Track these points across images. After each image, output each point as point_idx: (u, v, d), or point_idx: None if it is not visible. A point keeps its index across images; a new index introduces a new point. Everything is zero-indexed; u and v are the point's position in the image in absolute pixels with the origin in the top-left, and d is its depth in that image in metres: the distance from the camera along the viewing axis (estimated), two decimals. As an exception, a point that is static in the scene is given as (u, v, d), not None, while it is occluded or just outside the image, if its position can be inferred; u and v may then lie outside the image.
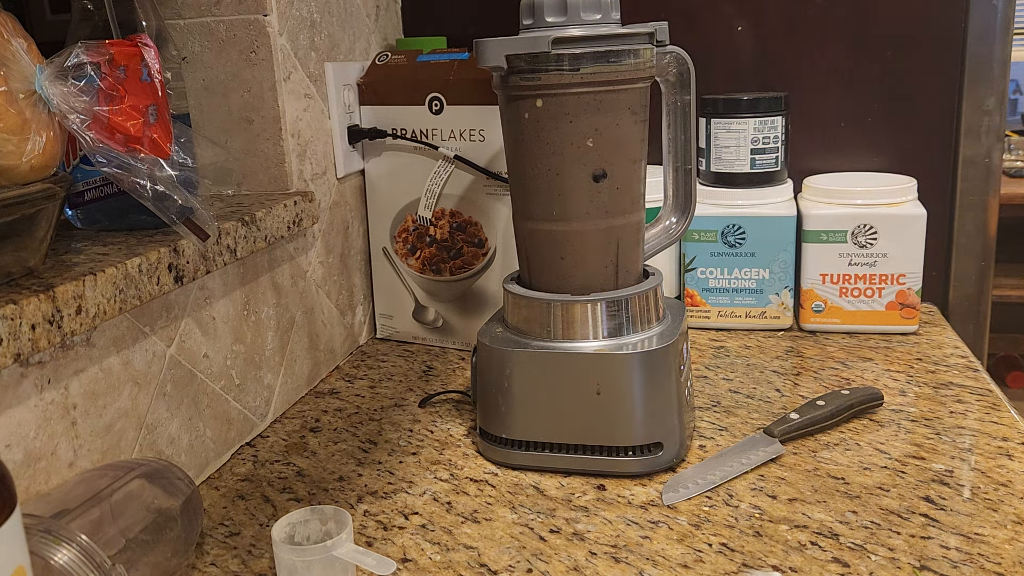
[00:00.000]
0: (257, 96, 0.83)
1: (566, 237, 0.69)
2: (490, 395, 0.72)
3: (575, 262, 0.70)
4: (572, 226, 0.69)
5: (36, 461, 0.55)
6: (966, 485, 0.66)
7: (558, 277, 0.71)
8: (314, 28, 0.89)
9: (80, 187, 0.70)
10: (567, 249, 0.70)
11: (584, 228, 0.69)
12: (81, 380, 0.59)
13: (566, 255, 0.70)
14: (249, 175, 0.85)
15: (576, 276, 0.70)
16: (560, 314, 0.69)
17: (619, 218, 0.70)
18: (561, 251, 0.70)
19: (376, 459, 0.75)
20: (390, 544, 0.62)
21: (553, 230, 0.70)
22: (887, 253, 0.94)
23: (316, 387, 0.91)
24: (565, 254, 0.70)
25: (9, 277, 0.54)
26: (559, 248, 0.70)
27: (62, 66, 0.55)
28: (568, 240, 0.70)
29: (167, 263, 0.63)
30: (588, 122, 0.67)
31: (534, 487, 0.68)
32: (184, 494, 0.58)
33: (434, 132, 0.94)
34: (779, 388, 0.85)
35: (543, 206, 0.70)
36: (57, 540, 0.45)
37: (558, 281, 0.71)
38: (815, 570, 0.56)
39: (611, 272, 0.70)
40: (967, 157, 1.07)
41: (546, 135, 0.67)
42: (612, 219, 0.69)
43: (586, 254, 0.70)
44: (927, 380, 0.85)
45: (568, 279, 0.70)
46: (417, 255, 0.99)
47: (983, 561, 0.56)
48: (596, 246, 0.70)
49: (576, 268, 0.70)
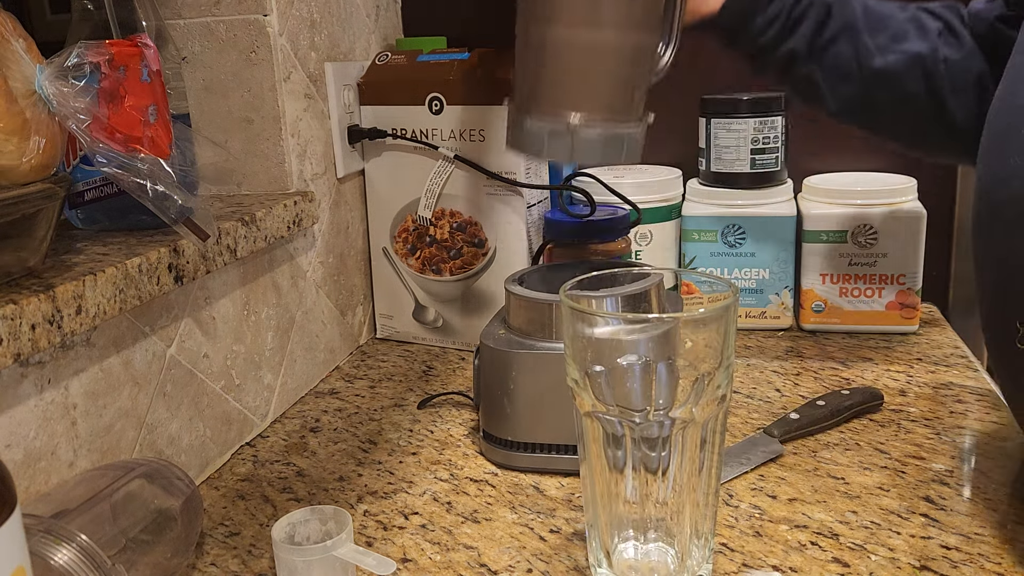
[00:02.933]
0: (257, 96, 0.83)
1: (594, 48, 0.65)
2: (493, 397, 0.72)
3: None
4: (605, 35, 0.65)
5: (36, 461, 0.55)
6: (966, 485, 0.66)
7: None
8: (314, 28, 0.89)
9: (80, 187, 0.70)
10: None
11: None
12: (81, 380, 0.59)
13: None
14: (249, 175, 0.85)
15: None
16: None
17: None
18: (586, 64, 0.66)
19: (376, 459, 0.75)
20: (390, 544, 0.62)
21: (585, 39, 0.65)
22: (887, 253, 0.94)
23: (316, 387, 0.91)
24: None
25: (9, 277, 0.54)
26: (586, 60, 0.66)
27: (62, 66, 0.55)
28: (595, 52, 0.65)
29: (167, 263, 0.63)
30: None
31: (534, 487, 0.68)
32: (184, 494, 0.58)
33: (434, 132, 0.94)
34: (779, 388, 0.85)
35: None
36: (57, 540, 0.45)
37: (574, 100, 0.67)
38: (815, 570, 0.56)
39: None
40: (967, 157, 1.07)
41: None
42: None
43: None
44: (927, 380, 0.85)
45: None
46: (417, 255, 0.99)
47: (983, 561, 0.56)
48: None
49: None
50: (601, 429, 0.52)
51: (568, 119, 0.65)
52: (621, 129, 0.67)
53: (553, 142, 0.66)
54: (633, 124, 0.68)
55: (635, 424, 0.50)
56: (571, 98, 0.66)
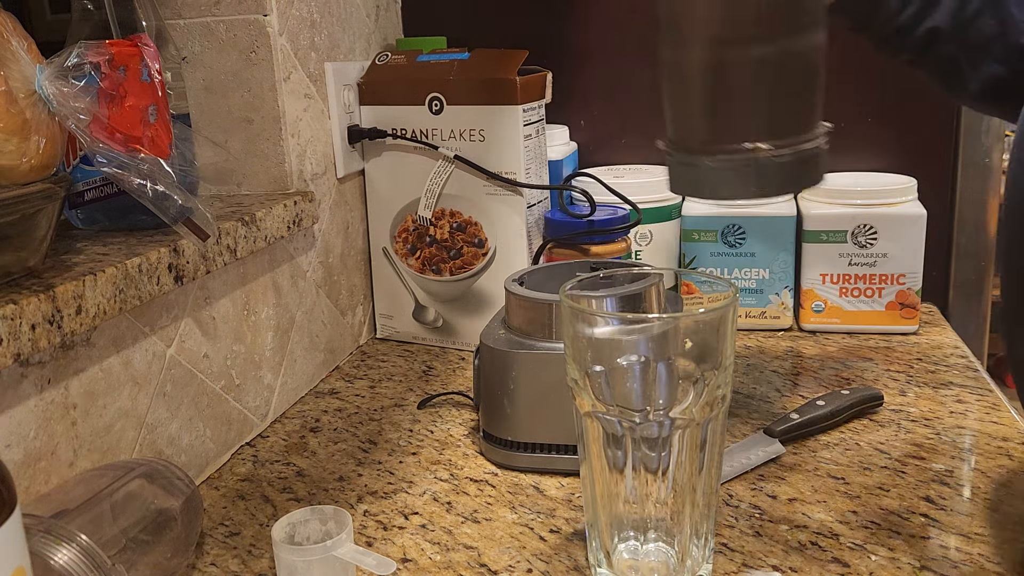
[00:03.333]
0: (257, 96, 0.83)
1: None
2: (493, 397, 0.72)
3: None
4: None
5: (36, 461, 0.55)
6: (966, 485, 0.66)
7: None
8: (314, 28, 0.89)
9: (80, 187, 0.70)
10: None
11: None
12: (81, 380, 0.59)
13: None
14: (249, 175, 0.85)
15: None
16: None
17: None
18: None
19: (376, 459, 0.75)
20: (390, 544, 0.62)
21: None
22: (887, 253, 0.94)
23: (316, 387, 0.91)
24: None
25: (9, 277, 0.54)
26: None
27: (62, 66, 0.55)
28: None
29: (167, 263, 0.63)
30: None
31: (534, 487, 0.68)
32: (184, 494, 0.58)
33: (434, 132, 0.94)
34: (779, 388, 0.85)
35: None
36: (57, 540, 0.45)
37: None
38: (815, 570, 0.56)
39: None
40: (967, 157, 1.07)
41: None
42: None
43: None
44: (927, 380, 0.85)
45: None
46: (417, 255, 0.99)
47: (983, 561, 0.56)
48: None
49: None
50: (601, 429, 0.52)
51: (756, 151, 0.56)
52: (811, 145, 0.59)
53: (741, 179, 0.57)
54: (821, 136, 0.60)
55: (635, 424, 0.50)
56: (758, 124, 0.57)
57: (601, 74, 1.12)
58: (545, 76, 0.95)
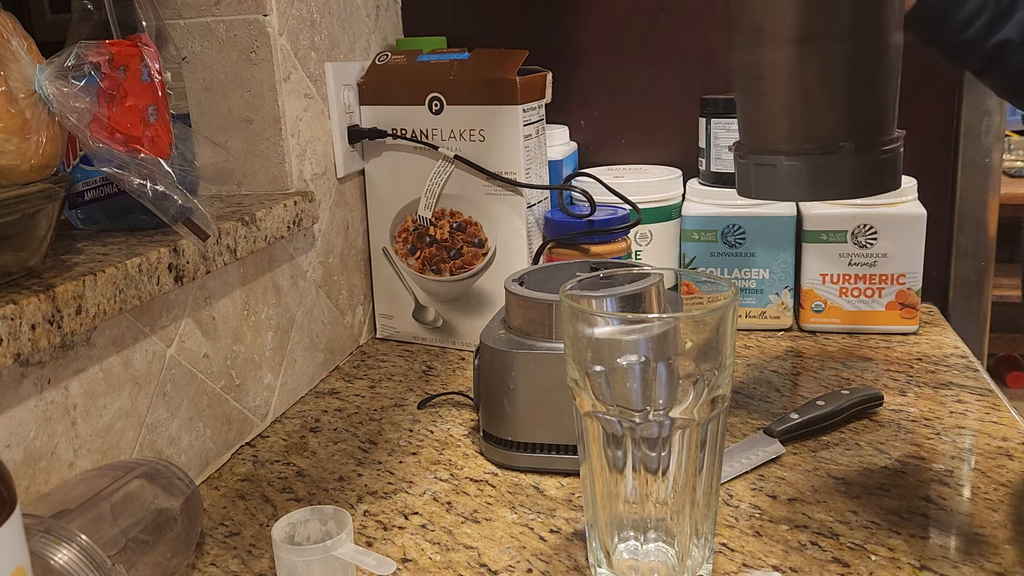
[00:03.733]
0: (257, 96, 0.83)
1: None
2: (493, 397, 0.72)
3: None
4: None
5: (36, 461, 0.55)
6: (966, 485, 0.66)
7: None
8: (314, 28, 0.89)
9: (80, 187, 0.70)
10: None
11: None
12: (81, 380, 0.59)
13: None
14: (249, 175, 0.85)
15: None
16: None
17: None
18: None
19: (376, 459, 0.75)
20: (390, 544, 0.62)
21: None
22: (887, 253, 0.94)
23: (316, 387, 0.91)
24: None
25: (9, 277, 0.54)
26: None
27: (62, 66, 0.55)
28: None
29: (167, 263, 0.63)
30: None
31: (534, 487, 0.68)
32: (184, 494, 0.58)
33: (434, 132, 0.94)
34: (779, 388, 0.85)
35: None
36: (57, 540, 0.45)
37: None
38: (815, 570, 0.56)
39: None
40: (967, 157, 1.07)
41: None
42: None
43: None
44: (927, 380, 0.85)
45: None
46: (417, 255, 0.99)
47: (983, 561, 0.56)
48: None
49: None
50: (601, 429, 0.52)
51: (837, 149, 0.56)
52: (892, 147, 0.58)
53: (822, 176, 0.57)
54: (900, 140, 0.59)
55: (635, 424, 0.50)
56: (838, 122, 0.56)
57: (601, 74, 1.12)
58: (545, 76, 0.95)
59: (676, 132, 1.10)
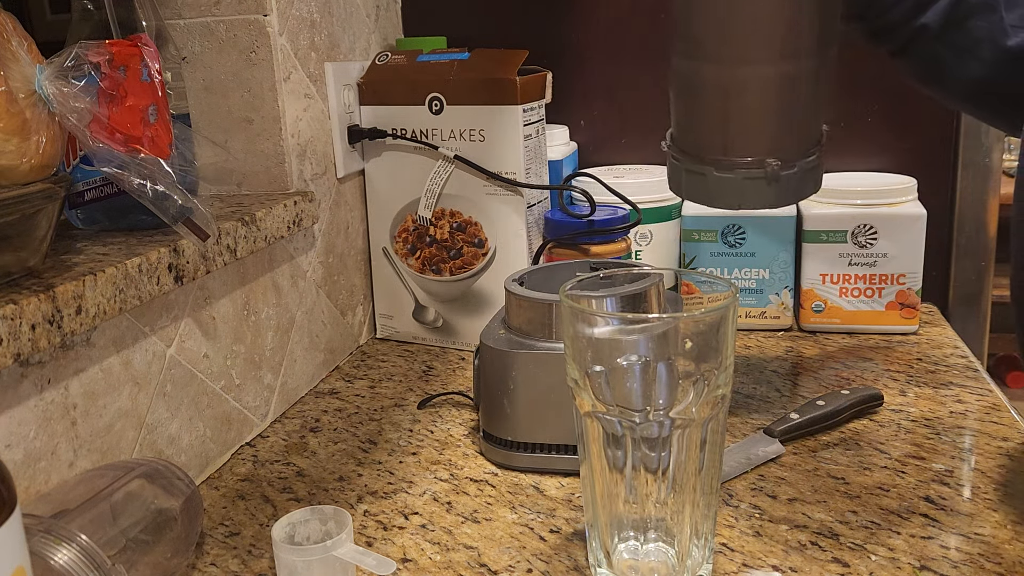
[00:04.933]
0: (257, 96, 0.83)
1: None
2: (493, 397, 0.72)
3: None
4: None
5: (36, 461, 0.55)
6: (966, 485, 0.66)
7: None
8: (314, 28, 0.89)
9: (80, 187, 0.70)
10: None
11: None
12: (81, 380, 0.59)
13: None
14: (249, 175, 0.85)
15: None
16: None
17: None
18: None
19: (376, 459, 0.75)
20: (390, 544, 0.62)
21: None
22: (887, 253, 0.94)
23: (316, 387, 0.91)
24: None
25: (9, 277, 0.54)
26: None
27: (62, 66, 0.55)
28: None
29: (167, 263, 0.63)
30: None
31: (534, 487, 0.68)
32: (184, 494, 0.58)
33: (434, 132, 0.94)
34: (779, 388, 0.85)
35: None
36: (57, 540, 0.45)
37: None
38: (815, 570, 0.56)
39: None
40: (967, 157, 1.07)
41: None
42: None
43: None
44: (927, 380, 0.85)
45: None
46: (417, 255, 0.99)
47: (983, 561, 0.56)
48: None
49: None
50: (601, 429, 0.52)
51: (768, 165, 0.58)
52: (813, 159, 0.60)
53: (751, 191, 0.59)
54: (820, 148, 0.61)
55: (635, 424, 0.50)
56: (768, 141, 0.58)
57: (601, 74, 1.12)
58: (545, 76, 0.95)
59: (676, 132, 1.10)
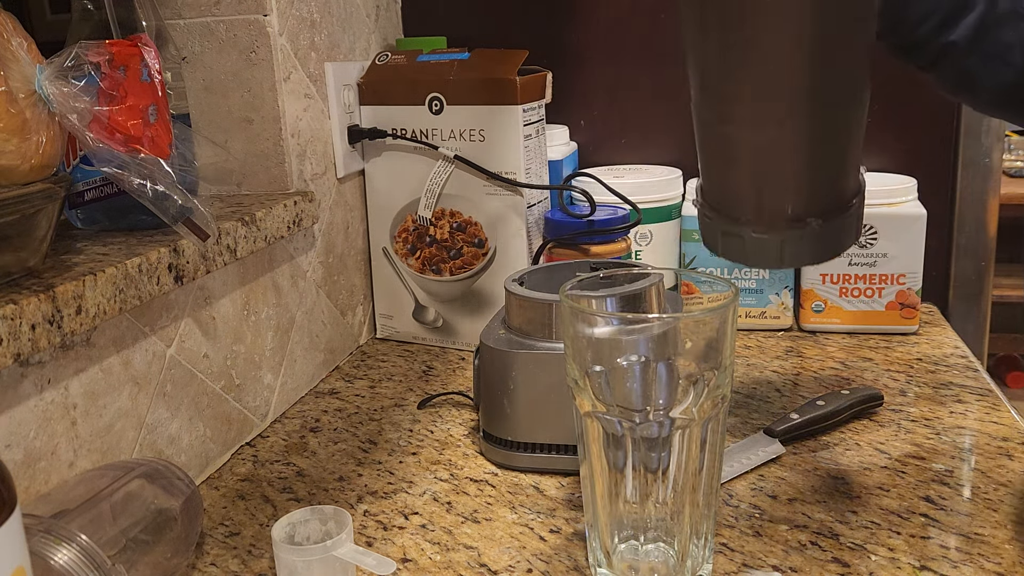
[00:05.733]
0: (257, 96, 0.83)
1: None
2: (493, 397, 0.72)
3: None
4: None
5: (36, 461, 0.55)
6: (966, 485, 0.66)
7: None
8: (314, 28, 0.89)
9: (80, 187, 0.70)
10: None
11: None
12: (81, 380, 0.59)
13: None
14: (249, 175, 0.85)
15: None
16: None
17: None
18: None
19: (376, 459, 0.75)
20: (390, 544, 0.62)
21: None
22: (887, 253, 0.94)
23: (316, 387, 0.91)
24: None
25: (9, 277, 0.54)
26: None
27: (62, 66, 0.55)
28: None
29: (167, 263, 0.63)
30: None
31: (534, 487, 0.68)
32: (184, 494, 0.58)
33: (434, 132, 0.94)
34: (779, 388, 0.85)
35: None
36: (57, 540, 0.45)
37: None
38: (815, 570, 0.56)
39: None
40: (967, 157, 1.07)
41: None
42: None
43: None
44: (927, 380, 0.85)
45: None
46: (417, 255, 0.99)
47: (983, 561, 0.56)
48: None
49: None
50: (601, 429, 0.52)
51: (808, 225, 0.55)
52: (854, 208, 0.57)
53: (790, 250, 0.56)
54: (858, 198, 0.58)
55: (635, 424, 0.50)
56: (806, 199, 0.55)
57: (601, 74, 1.12)
58: (545, 76, 0.95)
59: (676, 132, 1.10)
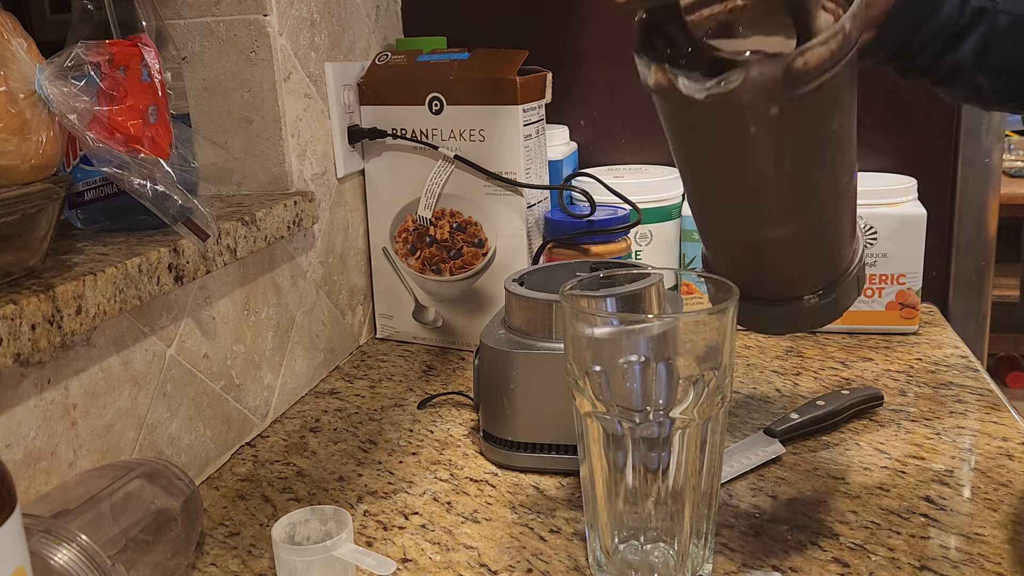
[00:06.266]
0: (257, 96, 0.83)
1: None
2: (493, 397, 0.72)
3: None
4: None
5: (36, 461, 0.55)
6: (966, 485, 0.66)
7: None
8: (314, 28, 0.89)
9: (80, 187, 0.70)
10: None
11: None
12: (81, 380, 0.59)
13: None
14: (249, 175, 0.85)
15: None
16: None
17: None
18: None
19: (376, 459, 0.75)
20: (390, 544, 0.62)
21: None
22: (887, 253, 0.94)
23: (316, 387, 0.91)
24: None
25: (9, 277, 0.54)
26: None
27: (62, 66, 0.55)
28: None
29: (167, 263, 0.63)
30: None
31: (534, 487, 0.68)
32: (184, 494, 0.58)
33: (434, 132, 0.94)
34: (779, 388, 0.85)
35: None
36: (57, 540, 0.45)
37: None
38: (815, 570, 0.56)
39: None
40: (967, 157, 1.07)
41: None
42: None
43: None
44: (927, 380, 0.85)
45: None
46: (417, 255, 0.99)
47: (983, 561, 0.56)
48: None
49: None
50: (601, 429, 0.52)
51: (807, 300, 0.61)
52: (854, 270, 0.63)
53: (792, 319, 0.63)
54: (860, 260, 0.64)
55: (635, 424, 0.50)
56: (805, 281, 0.61)
57: (601, 74, 1.12)
58: (545, 76, 0.95)
59: (676, 132, 1.10)
